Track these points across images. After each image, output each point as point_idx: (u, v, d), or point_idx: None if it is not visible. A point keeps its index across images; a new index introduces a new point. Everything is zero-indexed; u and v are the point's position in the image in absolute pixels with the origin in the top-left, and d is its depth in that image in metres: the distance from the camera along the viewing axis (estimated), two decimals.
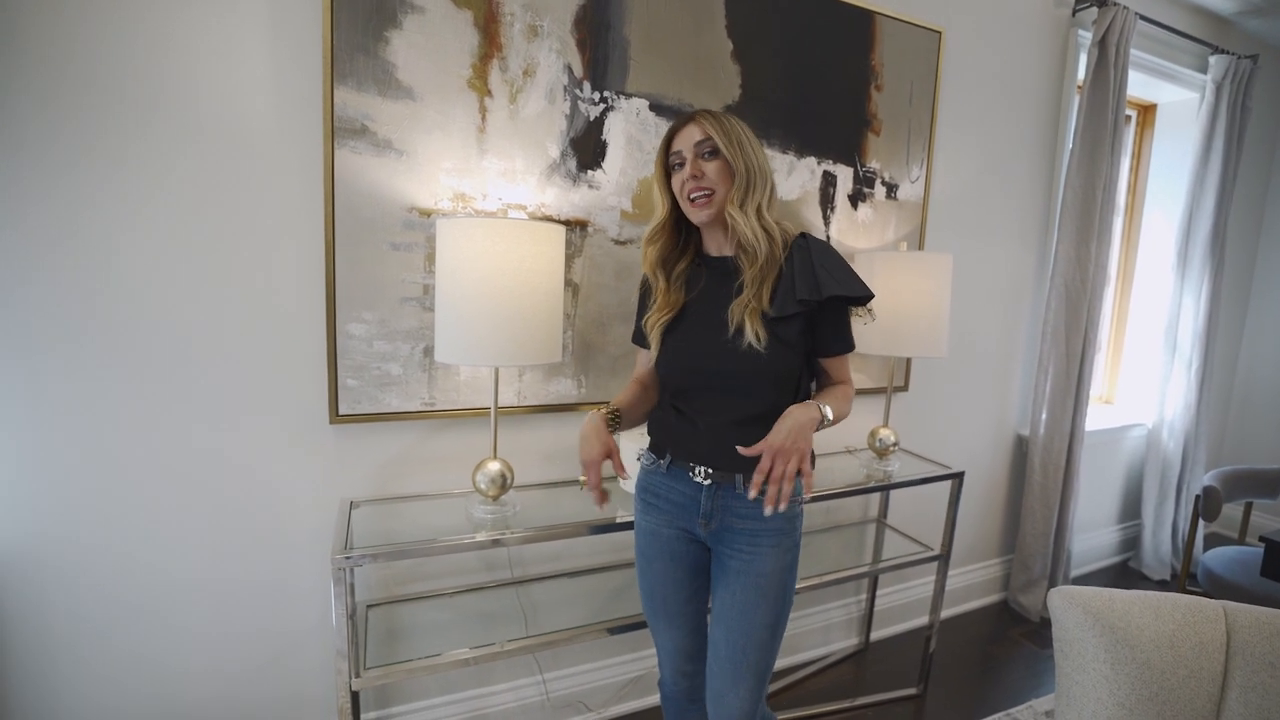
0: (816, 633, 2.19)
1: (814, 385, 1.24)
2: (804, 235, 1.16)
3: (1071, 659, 0.93)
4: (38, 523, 1.27)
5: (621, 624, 1.50)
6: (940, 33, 2.03)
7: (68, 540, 1.30)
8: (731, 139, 1.12)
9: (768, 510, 1.03)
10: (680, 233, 1.23)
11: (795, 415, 1.06)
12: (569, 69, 1.55)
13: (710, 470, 1.16)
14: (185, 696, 1.43)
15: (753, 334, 1.09)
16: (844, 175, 1.95)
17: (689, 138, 1.14)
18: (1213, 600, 0.94)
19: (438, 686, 1.66)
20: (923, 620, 2.37)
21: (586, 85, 1.57)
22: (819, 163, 1.90)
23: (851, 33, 1.88)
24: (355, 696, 1.29)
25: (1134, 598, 0.94)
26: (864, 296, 1.13)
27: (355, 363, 1.44)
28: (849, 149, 1.94)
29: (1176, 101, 2.89)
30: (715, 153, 1.12)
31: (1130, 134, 3.00)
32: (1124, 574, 2.98)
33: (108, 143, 1.22)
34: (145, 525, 1.35)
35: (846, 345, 1.19)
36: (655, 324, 1.21)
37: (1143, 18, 2.36)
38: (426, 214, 1.45)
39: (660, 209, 1.21)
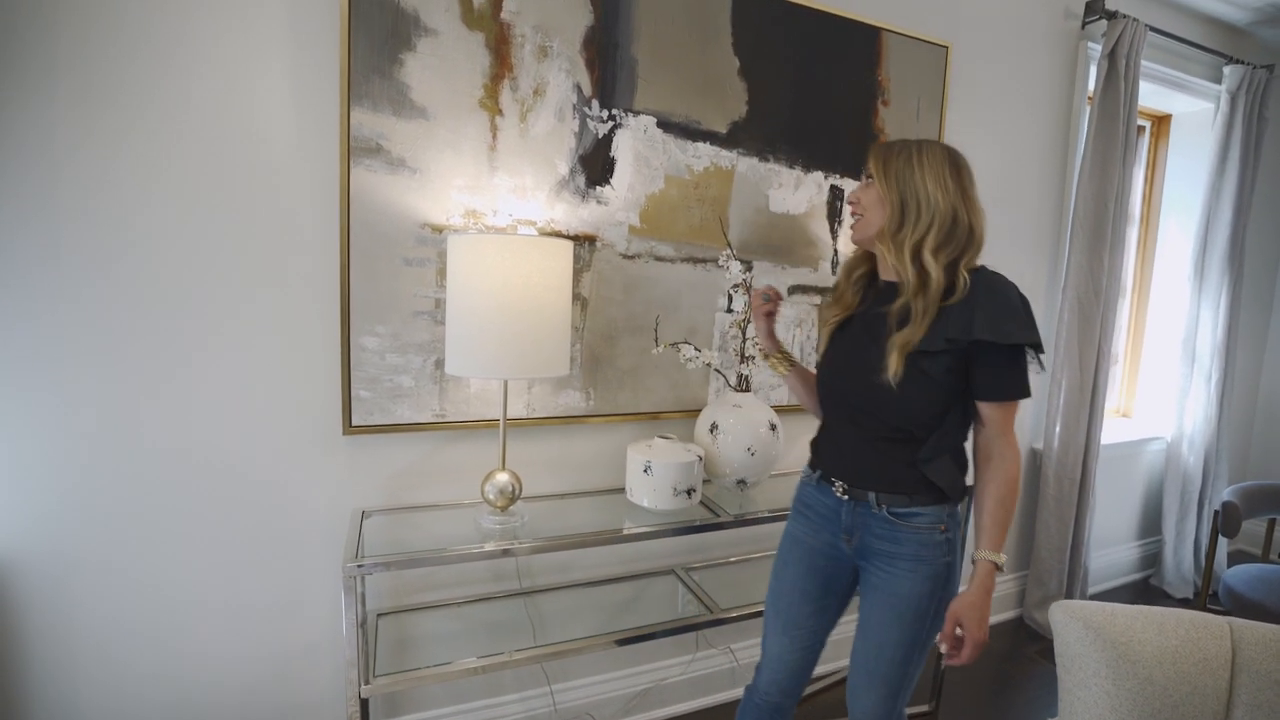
0: (829, 646, 2.17)
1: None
2: (979, 270, 1.12)
3: (1073, 674, 0.92)
4: (59, 532, 1.31)
5: (629, 636, 1.50)
6: (947, 47, 2.04)
7: (87, 550, 1.34)
8: (890, 168, 1.13)
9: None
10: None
11: (978, 606, 1.05)
12: (578, 88, 1.58)
13: (846, 485, 1.20)
14: (200, 702, 1.46)
15: (892, 369, 1.09)
16: (851, 189, 1.96)
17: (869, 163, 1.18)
18: (1219, 616, 0.93)
19: (447, 696, 1.67)
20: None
21: (595, 103, 1.60)
22: (826, 177, 1.91)
23: (858, 48, 1.90)
24: (365, 704, 1.31)
25: (1136, 612, 0.93)
26: (1018, 343, 1.06)
27: (368, 375, 1.47)
28: (856, 163, 1.95)
29: (1191, 112, 2.87)
30: (871, 181, 1.15)
31: (1145, 144, 2.98)
32: (1145, 591, 2.92)
33: (124, 154, 1.27)
34: (162, 533, 1.39)
35: (1001, 392, 1.09)
36: (828, 319, 1.26)
37: (1153, 29, 2.36)
38: (439, 230, 1.49)
39: None
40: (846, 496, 1.20)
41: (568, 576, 1.75)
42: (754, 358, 1.70)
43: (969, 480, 1.20)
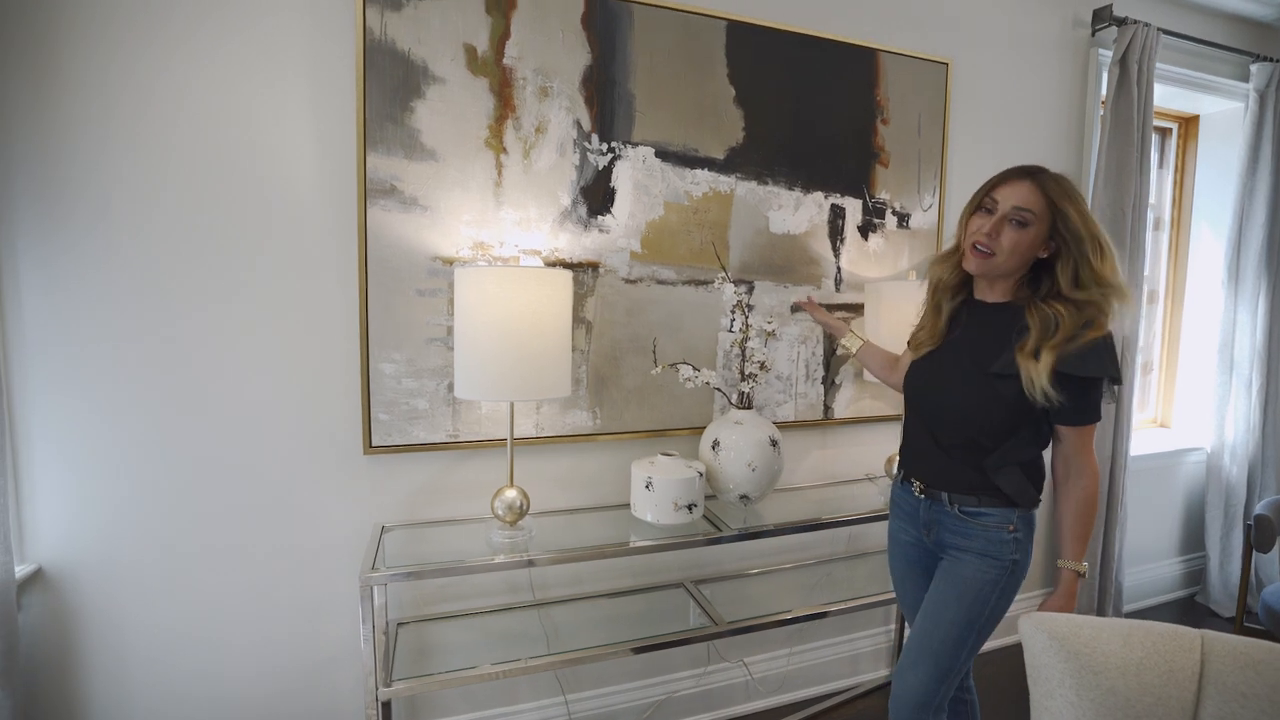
0: (844, 662, 2.18)
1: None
2: None
3: (1040, 685, 0.93)
4: (105, 548, 1.46)
5: (646, 644, 1.55)
6: (947, 64, 2.07)
7: (130, 561, 1.48)
8: (1069, 225, 1.14)
9: None
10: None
11: (1065, 609, 1.18)
12: (578, 124, 1.68)
13: (923, 485, 1.33)
14: (230, 708, 1.58)
15: (1028, 381, 1.13)
16: (853, 207, 1.99)
17: (1014, 195, 1.18)
18: (1192, 629, 0.93)
19: (465, 703, 1.75)
20: None
21: (595, 137, 1.69)
22: (826, 197, 1.95)
23: (855, 70, 1.95)
24: (385, 706, 1.40)
25: (1103, 624, 0.94)
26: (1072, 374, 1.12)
27: (386, 398, 1.58)
28: (857, 182, 1.99)
29: (1219, 112, 2.79)
30: (1025, 225, 1.16)
31: (1172, 147, 2.91)
32: (1190, 609, 2.80)
33: (150, 201, 1.42)
34: (198, 546, 1.52)
35: (1077, 417, 1.18)
36: (918, 345, 1.38)
37: (1166, 32, 2.32)
38: (449, 262, 1.60)
39: (955, 240, 1.31)
40: (923, 495, 1.33)
41: (579, 589, 1.82)
42: (755, 375, 1.75)
43: (1043, 493, 1.27)
